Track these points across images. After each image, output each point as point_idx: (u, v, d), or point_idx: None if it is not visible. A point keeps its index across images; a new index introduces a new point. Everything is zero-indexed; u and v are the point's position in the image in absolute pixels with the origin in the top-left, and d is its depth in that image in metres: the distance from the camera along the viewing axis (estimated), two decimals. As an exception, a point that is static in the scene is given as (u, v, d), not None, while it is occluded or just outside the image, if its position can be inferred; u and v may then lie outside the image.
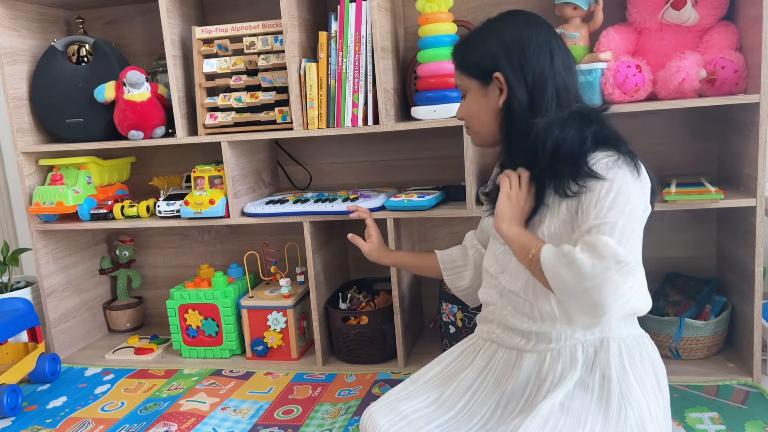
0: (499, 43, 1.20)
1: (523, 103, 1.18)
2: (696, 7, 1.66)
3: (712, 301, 1.83)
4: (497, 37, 1.21)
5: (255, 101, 1.92)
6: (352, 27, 1.79)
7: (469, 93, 1.27)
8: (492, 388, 1.22)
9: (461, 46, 1.28)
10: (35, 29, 2.16)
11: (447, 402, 1.23)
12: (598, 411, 1.08)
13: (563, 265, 1.03)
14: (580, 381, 1.13)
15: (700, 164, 1.93)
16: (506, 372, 1.22)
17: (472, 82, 1.25)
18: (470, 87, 1.26)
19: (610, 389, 1.10)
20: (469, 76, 1.26)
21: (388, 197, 1.90)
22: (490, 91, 1.22)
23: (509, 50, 1.19)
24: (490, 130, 1.26)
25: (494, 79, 1.20)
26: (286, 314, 1.99)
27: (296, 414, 1.70)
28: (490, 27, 1.24)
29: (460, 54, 1.27)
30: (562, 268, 1.03)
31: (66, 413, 1.80)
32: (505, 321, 1.24)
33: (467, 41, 1.26)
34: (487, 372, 1.25)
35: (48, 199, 2.05)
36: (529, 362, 1.20)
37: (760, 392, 1.62)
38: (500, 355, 1.25)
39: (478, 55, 1.23)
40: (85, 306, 2.34)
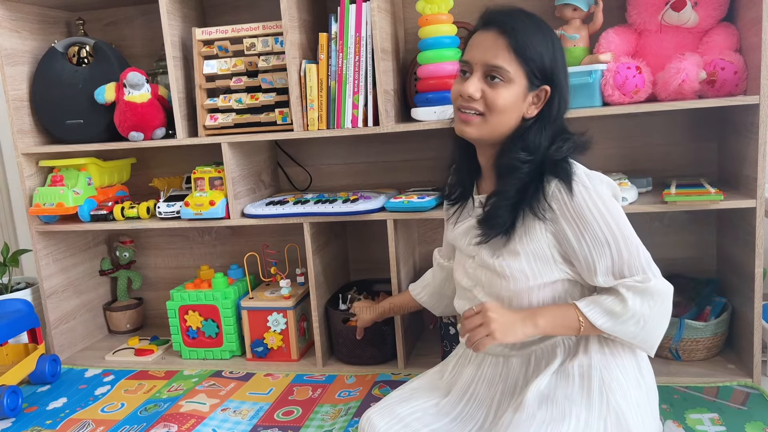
0: (560, 57, 1.15)
1: (548, 124, 1.15)
2: (696, 9, 1.66)
3: (712, 303, 1.83)
4: (558, 50, 1.15)
5: (255, 102, 1.92)
6: (352, 28, 1.79)
7: (511, 84, 1.12)
8: (484, 393, 1.25)
9: (524, 31, 1.12)
10: (36, 30, 2.16)
11: (444, 408, 1.25)
12: (580, 398, 1.11)
13: (624, 322, 1.11)
14: (562, 370, 1.16)
15: (700, 165, 1.93)
16: (495, 376, 1.25)
17: (521, 76, 1.13)
18: (516, 79, 1.12)
19: (591, 375, 1.14)
20: (523, 68, 1.12)
21: (388, 198, 1.90)
22: (529, 96, 1.15)
23: (562, 69, 1.15)
24: (504, 131, 1.16)
25: (540, 89, 1.14)
26: (286, 315, 1.99)
27: (296, 415, 1.70)
28: (548, 31, 1.15)
29: (520, 38, 1.11)
30: (625, 326, 1.11)
31: (66, 414, 1.80)
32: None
33: (528, 31, 1.12)
34: (478, 379, 1.27)
35: (48, 201, 2.05)
36: (515, 365, 1.23)
37: (760, 393, 1.62)
38: (488, 361, 1.28)
39: (541, 56, 1.12)
40: (85, 307, 2.34)
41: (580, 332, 1.13)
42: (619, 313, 1.10)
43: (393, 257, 1.85)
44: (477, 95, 1.13)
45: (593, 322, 1.11)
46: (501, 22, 1.13)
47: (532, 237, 1.15)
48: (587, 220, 1.10)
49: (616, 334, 1.12)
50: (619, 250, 1.11)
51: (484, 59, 1.13)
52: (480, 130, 1.16)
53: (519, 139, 1.15)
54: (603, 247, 1.10)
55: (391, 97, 1.84)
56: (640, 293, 1.10)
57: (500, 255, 1.18)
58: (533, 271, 1.15)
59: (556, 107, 1.15)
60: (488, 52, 1.12)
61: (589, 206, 1.10)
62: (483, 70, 1.13)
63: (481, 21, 1.18)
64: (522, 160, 1.13)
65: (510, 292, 1.17)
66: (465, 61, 1.17)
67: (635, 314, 1.10)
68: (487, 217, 1.17)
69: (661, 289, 1.11)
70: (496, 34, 1.12)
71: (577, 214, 1.10)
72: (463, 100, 1.16)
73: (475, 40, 1.17)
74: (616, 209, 1.12)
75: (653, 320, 1.11)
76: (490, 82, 1.13)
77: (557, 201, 1.11)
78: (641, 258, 1.12)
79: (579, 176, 1.11)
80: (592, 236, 1.10)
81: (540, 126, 1.15)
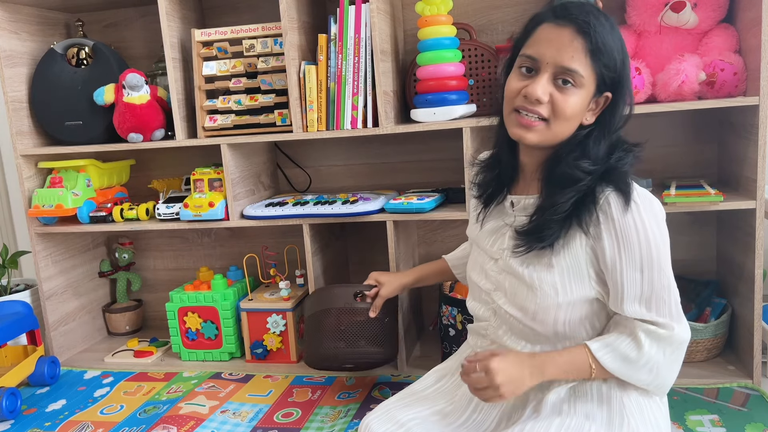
0: (628, 63, 1.06)
1: (608, 133, 1.07)
2: (695, 10, 1.66)
3: (712, 304, 1.83)
4: (626, 54, 1.05)
5: (254, 104, 1.92)
6: (351, 30, 1.79)
7: (581, 90, 1.03)
8: (492, 406, 1.20)
9: (603, 32, 1.01)
10: (35, 32, 2.16)
11: (450, 415, 1.21)
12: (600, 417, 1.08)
13: (638, 369, 1.06)
14: (580, 388, 1.12)
15: (700, 166, 1.93)
16: None
17: (592, 82, 1.03)
18: (587, 85, 1.02)
19: (610, 396, 1.10)
20: (595, 72, 1.02)
21: (388, 200, 1.90)
22: (591, 102, 1.06)
23: (629, 73, 1.06)
24: (563, 137, 1.07)
25: (601, 96, 1.06)
26: (286, 317, 1.99)
27: (296, 417, 1.70)
28: (620, 35, 1.05)
29: (600, 40, 1.00)
30: (639, 373, 1.07)
31: (65, 416, 1.80)
32: (501, 340, 1.18)
33: (607, 32, 1.02)
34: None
35: (47, 202, 2.05)
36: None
37: (760, 395, 1.62)
38: None
39: (615, 62, 1.03)
40: (84, 309, 2.33)
41: (591, 377, 1.08)
42: (633, 359, 1.05)
43: (393, 259, 1.84)
44: (545, 99, 1.02)
45: (605, 365, 1.06)
46: (579, 19, 1.00)
47: (570, 250, 1.07)
48: (630, 240, 1.02)
49: (629, 380, 1.08)
50: (651, 280, 1.04)
51: (557, 59, 1.01)
52: (542, 137, 1.05)
53: (577, 148, 1.06)
54: (636, 272, 1.03)
55: (390, 98, 1.84)
56: (657, 340, 1.05)
57: (531, 264, 1.10)
58: (564, 287, 1.07)
59: (620, 116, 1.06)
60: (563, 52, 1.00)
61: (636, 226, 1.02)
62: (553, 71, 1.02)
63: (552, 13, 1.04)
64: (586, 170, 1.04)
65: (536, 306, 1.09)
66: (531, 57, 1.04)
67: (649, 361, 1.05)
68: (534, 229, 1.07)
69: (681, 337, 1.06)
70: (573, 33, 1.00)
71: (622, 232, 1.02)
72: (525, 101, 1.04)
73: (543, 34, 1.03)
74: (662, 238, 1.05)
75: (667, 367, 1.07)
76: (560, 86, 1.02)
77: (604, 213, 1.04)
78: (671, 298, 1.06)
79: (638, 194, 1.04)
80: (629, 257, 1.03)
81: (599, 134, 1.06)
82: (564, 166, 1.05)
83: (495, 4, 1.97)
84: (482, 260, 1.21)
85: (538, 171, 1.13)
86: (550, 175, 1.08)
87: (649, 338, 1.05)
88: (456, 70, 1.77)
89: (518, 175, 1.18)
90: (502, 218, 1.19)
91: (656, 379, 1.07)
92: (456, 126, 1.74)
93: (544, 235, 1.06)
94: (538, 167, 1.13)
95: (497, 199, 1.20)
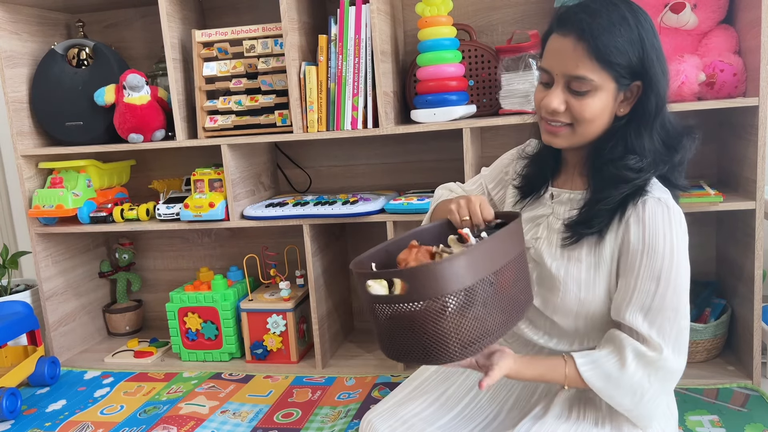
0: (650, 47, 1.02)
1: (647, 122, 1.04)
2: (695, 11, 1.66)
3: (711, 304, 1.83)
4: (647, 38, 1.02)
5: (255, 104, 1.92)
6: (351, 30, 1.80)
7: (598, 92, 1.02)
8: (497, 392, 1.21)
9: (605, 32, 1.00)
10: (35, 32, 2.16)
11: (448, 402, 1.21)
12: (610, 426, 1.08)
13: (620, 389, 1.02)
14: (590, 395, 1.11)
15: (700, 167, 1.93)
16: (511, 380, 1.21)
17: (608, 81, 1.02)
18: (603, 85, 1.01)
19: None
20: (608, 72, 1.01)
21: (388, 200, 1.90)
22: (620, 95, 1.04)
23: (655, 60, 1.02)
24: (596, 133, 1.06)
25: (631, 86, 1.04)
26: (286, 317, 1.99)
27: (296, 417, 1.70)
28: (634, 17, 1.01)
29: (601, 42, 0.99)
30: (621, 393, 1.02)
31: (65, 417, 1.80)
32: (519, 330, 1.19)
33: (610, 29, 1.00)
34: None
35: (48, 202, 2.05)
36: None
37: (759, 395, 1.62)
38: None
39: (627, 55, 1.00)
40: (84, 309, 2.33)
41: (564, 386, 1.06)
42: (615, 378, 1.02)
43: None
44: (561, 108, 1.04)
45: (588, 382, 1.03)
46: (577, 24, 1.00)
47: (602, 246, 1.06)
48: (656, 248, 1.01)
49: (612, 402, 1.04)
50: (664, 295, 1.01)
51: (564, 70, 1.02)
52: (570, 140, 1.07)
53: (618, 142, 1.05)
54: (651, 281, 1.01)
55: (390, 98, 1.84)
56: (644, 362, 1.01)
57: (561, 258, 1.10)
58: (588, 283, 1.08)
59: (653, 103, 1.03)
60: (568, 61, 1.02)
61: (665, 237, 1.01)
62: (564, 80, 1.03)
63: (556, 21, 1.05)
64: (635, 168, 1.03)
65: (558, 300, 1.10)
66: (545, 70, 1.06)
67: (632, 384, 1.01)
68: (583, 219, 1.07)
69: (671, 366, 1.01)
70: (574, 41, 1.01)
71: (651, 237, 1.02)
72: (547, 113, 1.07)
73: (551, 45, 1.05)
74: (685, 259, 1.03)
75: (651, 395, 1.02)
76: (575, 93, 1.03)
77: (637, 215, 1.03)
78: (677, 322, 1.02)
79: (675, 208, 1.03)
80: (649, 263, 1.02)
81: (638, 124, 1.05)
82: (612, 168, 1.05)
83: (495, 5, 1.97)
84: None
85: (581, 165, 1.13)
86: (597, 173, 1.08)
87: (636, 359, 1.01)
88: (456, 71, 1.77)
89: (561, 168, 1.19)
90: (539, 209, 1.19)
91: (639, 406, 1.03)
92: (456, 126, 1.74)
93: (594, 223, 1.06)
94: (581, 162, 1.13)
95: (538, 192, 1.20)
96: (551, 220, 1.15)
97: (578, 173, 1.14)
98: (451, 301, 0.89)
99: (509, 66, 1.78)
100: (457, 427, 1.16)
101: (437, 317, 0.89)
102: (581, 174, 1.14)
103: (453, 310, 0.90)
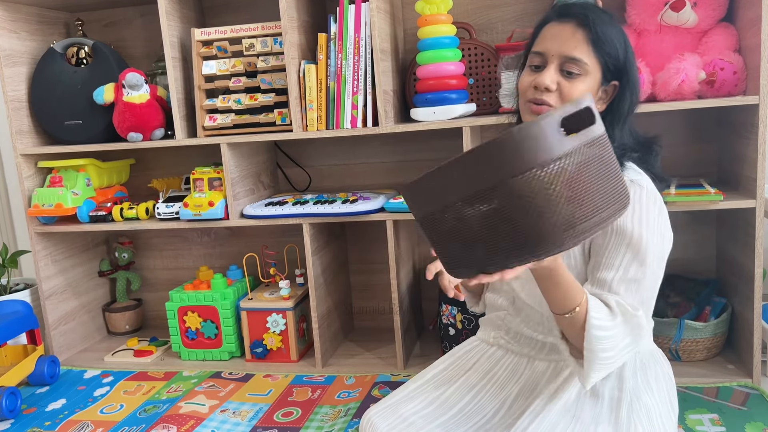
0: (631, 51, 1.11)
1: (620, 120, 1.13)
2: (695, 9, 1.66)
3: (711, 303, 1.83)
4: (629, 45, 1.11)
5: (254, 103, 1.92)
6: (351, 29, 1.79)
7: (587, 77, 1.09)
8: (496, 391, 1.22)
9: (602, 24, 1.08)
10: (34, 31, 2.16)
11: (448, 401, 1.22)
12: (608, 422, 1.08)
13: (613, 327, 1.01)
14: (592, 388, 1.12)
15: (700, 166, 1.93)
16: (513, 377, 1.22)
17: (597, 70, 1.09)
18: (592, 72, 1.09)
19: (621, 399, 1.10)
20: (599, 60, 1.09)
21: (388, 199, 1.90)
22: (599, 91, 1.12)
23: (633, 65, 1.11)
24: None
25: (609, 84, 1.11)
26: (286, 316, 1.99)
27: (296, 416, 1.70)
28: (621, 28, 1.12)
29: (600, 30, 1.08)
30: (600, 339, 0.99)
31: (65, 416, 1.80)
32: (518, 329, 1.22)
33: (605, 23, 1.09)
34: (491, 375, 1.24)
35: (47, 201, 2.05)
36: (540, 369, 1.20)
37: (760, 394, 1.62)
38: (507, 360, 1.25)
39: (617, 50, 1.09)
40: (84, 308, 2.33)
41: (565, 315, 1.00)
42: (606, 318, 1.00)
43: (392, 258, 1.84)
44: (553, 87, 1.09)
45: (591, 312, 0.99)
46: (579, 14, 1.09)
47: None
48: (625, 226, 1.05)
49: (588, 335, 0.99)
50: (627, 266, 1.04)
51: (561, 51, 1.08)
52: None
53: None
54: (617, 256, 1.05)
55: (390, 97, 1.83)
56: (624, 311, 1.02)
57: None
58: (580, 274, 1.11)
59: (627, 102, 1.11)
60: (566, 43, 1.08)
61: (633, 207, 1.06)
62: (559, 61, 1.09)
63: (555, 13, 1.13)
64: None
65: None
66: (539, 53, 1.12)
67: (619, 333, 1.01)
68: None
69: (642, 323, 1.02)
70: (575, 26, 1.08)
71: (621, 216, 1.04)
72: (536, 92, 1.11)
73: (548, 31, 1.12)
74: (658, 231, 1.08)
75: (618, 351, 1.01)
76: (566, 75, 1.09)
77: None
78: (639, 291, 1.04)
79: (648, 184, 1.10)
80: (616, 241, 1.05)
81: (611, 120, 1.12)
82: None
83: (494, 3, 1.97)
84: None
85: None
86: None
87: (618, 306, 1.01)
88: (456, 69, 1.77)
89: None
90: None
91: (600, 352, 0.99)
92: (456, 125, 1.74)
93: None
94: None
95: None
96: None
97: None
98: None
99: (509, 64, 1.78)
100: (457, 425, 1.17)
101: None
102: None
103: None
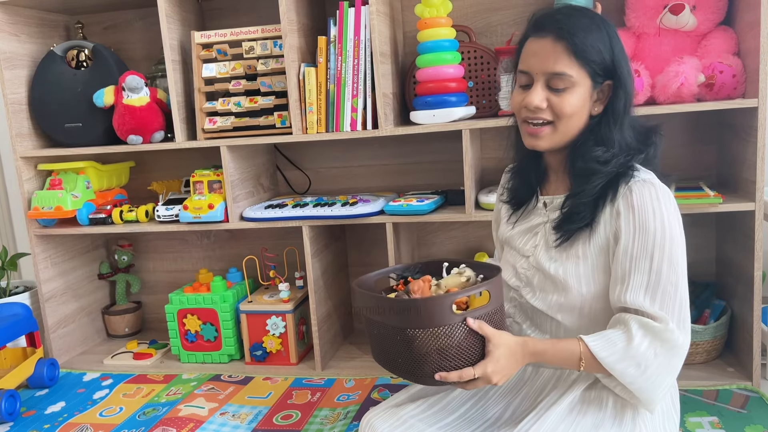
0: (618, 48, 1.10)
1: (618, 117, 1.10)
2: (694, 12, 1.67)
3: (711, 306, 1.83)
4: (614, 40, 1.10)
5: (254, 106, 1.92)
6: (351, 32, 1.80)
7: (576, 88, 1.08)
8: (500, 397, 1.22)
9: (580, 31, 1.07)
10: (34, 34, 2.16)
11: (450, 405, 1.22)
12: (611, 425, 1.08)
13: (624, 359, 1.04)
14: (596, 393, 1.12)
15: (699, 169, 1.93)
16: (518, 383, 1.22)
17: (584, 77, 1.08)
18: (580, 82, 1.08)
19: (624, 404, 1.10)
20: (585, 68, 1.08)
21: (387, 201, 1.90)
22: (593, 94, 1.11)
23: (622, 60, 1.09)
24: (574, 133, 1.12)
25: (603, 85, 1.10)
26: (285, 319, 1.98)
27: (295, 419, 1.69)
28: (602, 22, 1.10)
29: (578, 39, 1.07)
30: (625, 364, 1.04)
31: (64, 418, 1.79)
32: (524, 335, 1.21)
33: (584, 29, 1.07)
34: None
35: (47, 204, 2.05)
36: (546, 375, 1.20)
37: (759, 396, 1.62)
38: None
39: (601, 53, 1.08)
40: (83, 311, 2.33)
41: (581, 368, 1.07)
42: (621, 348, 1.03)
43: (392, 260, 1.84)
44: (543, 105, 1.09)
45: (594, 352, 1.04)
46: (554, 26, 1.08)
47: (597, 238, 1.10)
48: (646, 226, 1.05)
49: (615, 372, 1.04)
50: (660, 271, 1.04)
51: (544, 68, 1.08)
52: (551, 140, 1.12)
53: (590, 136, 1.11)
54: (646, 259, 1.05)
55: (390, 100, 1.84)
56: (651, 335, 1.03)
57: (559, 259, 1.14)
58: (589, 278, 1.11)
59: (622, 100, 1.10)
60: (548, 60, 1.08)
61: (655, 213, 1.05)
62: (545, 78, 1.09)
63: (532, 27, 1.12)
64: (602, 159, 1.09)
65: (562, 299, 1.14)
66: (524, 72, 1.12)
67: (637, 355, 1.02)
68: (566, 218, 1.13)
69: (676, 340, 1.03)
70: (553, 40, 1.08)
71: (640, 217, 1.05)
72: (528, 112, 1.11)
73: (529, 48, 1.12)
74: (679, 233, 1.07)
75: (656, 369, 1.03)
76: (555, 90, 1.09)
77: (626, 199, 1.07)
78: (678, 296, 1.04)
79: (660, 186, 1.08)
80: (642, 243, 1.05)
81: (608, 120, 1.11)
82: (581, 162, 1.12)
83: (494, 6, 1.97)
84: (514, 259, 1.25)
85: (563, 169, 1.18)
86: (573, 170, 1.14)
87: (641, 330, 1.03)
88: (455, 72, 1.77)
89: (547, 175, 1.23)
90: (534, 219, 1.23)
91: (642, 378, 1.03)
92: (455, 128, 1.74)
93: (576, 218, 1.12)
94: (563, 165, 1.18)
95: (529, 202, 1.25)
96: (548, 227, 1.18)
97: (562, 177, 1.19)
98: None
99: (508, 67, 1.78)
100: (458, 428, 1.16)
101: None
102: (565, 177, 1.18)
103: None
